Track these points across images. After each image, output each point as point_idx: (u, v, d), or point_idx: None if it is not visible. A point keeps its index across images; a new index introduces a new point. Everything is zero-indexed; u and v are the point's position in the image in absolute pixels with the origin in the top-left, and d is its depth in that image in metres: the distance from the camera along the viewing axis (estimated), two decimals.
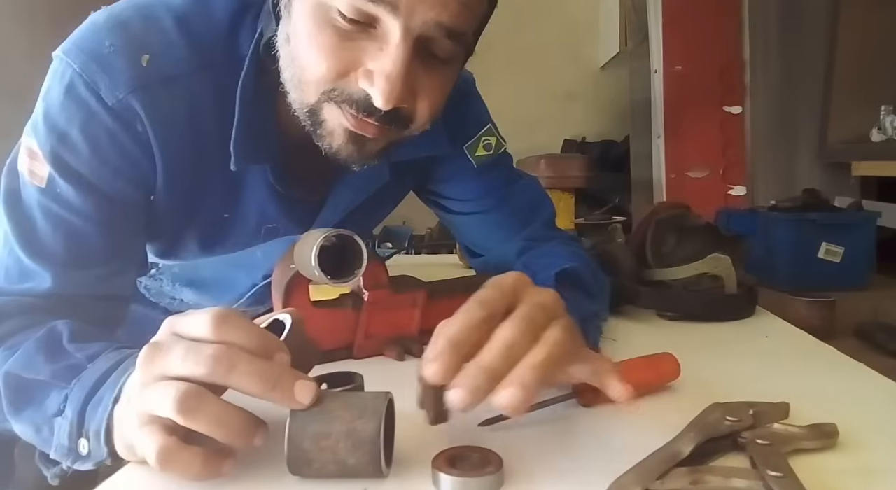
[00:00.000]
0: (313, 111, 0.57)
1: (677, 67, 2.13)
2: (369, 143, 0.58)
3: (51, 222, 0.60)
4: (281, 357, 0.41)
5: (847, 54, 1.84)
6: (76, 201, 0.60)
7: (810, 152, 1.96)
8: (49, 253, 0.60)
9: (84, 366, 0.51)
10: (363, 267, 0.57)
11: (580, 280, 0.69)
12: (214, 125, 0.62)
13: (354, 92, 0.54)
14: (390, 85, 0.52)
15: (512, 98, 2.76)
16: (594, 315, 0.67)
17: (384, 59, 0.52)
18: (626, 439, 0.47)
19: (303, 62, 0.55)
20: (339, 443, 0.39)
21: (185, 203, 0.66)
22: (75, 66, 0.58)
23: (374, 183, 0.73)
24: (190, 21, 0.61)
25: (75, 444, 0.47)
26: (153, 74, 0.59)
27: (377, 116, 0.55)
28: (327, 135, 0.58)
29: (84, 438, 0.47)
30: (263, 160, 0.65)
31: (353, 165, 0.61)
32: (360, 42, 0.53)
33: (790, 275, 1.30)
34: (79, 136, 0.58)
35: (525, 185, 0.84)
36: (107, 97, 0.58)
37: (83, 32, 0.60)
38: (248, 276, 0.80)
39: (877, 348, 0.88)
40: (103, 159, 0.59)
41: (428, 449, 0.43)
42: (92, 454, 0.47)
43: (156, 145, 0.61)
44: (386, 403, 0.41)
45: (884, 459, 0.44)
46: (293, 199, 0.69)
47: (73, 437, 0.48)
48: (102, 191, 0.60)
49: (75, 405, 0.48)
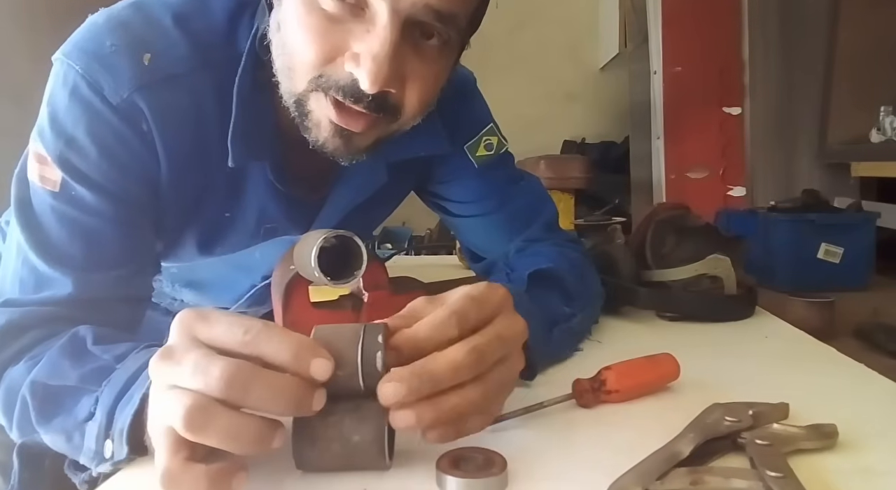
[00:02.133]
0: (300, 101, 0.56)
1: (677, 68, 2.13)
2: (356, 137, 0.57)
3: (67, 227, 0.59)
4: (318, 365, 0.38)
5: (847, 55, 1.84)
6: (90, 203, 0.59)
7: (810, 153, 1.97)
8: (68, 258, 0.59)
9: (113, 367, 0.49)
10: (363, 268, 0.57)
11: (559, 281, 0.69)
12: (216, 124, 0.62)
13: (341, 77, 0.53)
14: (377, 66, 0.51)
15: (512, 99, 2.76)
16: (567, 317, 0.67)
17: (371, 41, 0.51)
18: (626, 439, 0.47)
19: (291, 47, 0.55)
20: (345, 417, 0.40)
21: (188, 202, 0.66)
22: (77, 68, 0.57)
23: (374, 183, 0.73)
24: (189, 20, 0.61)
25: (101, 446, 0.46)
26: (156, 72, 0.58)
27: (365, 103, 0.54)
28: (313, 127, 0.57)
29: (109, 439, 0.45)
30: (262, 157, 0.64)
31: (341, 160, 0.60)
32: (348, 25, 0.52)
33: (790, 275, 1.30)
34: (85, 139, 0.58)
35: (526, 185, 0.83)
36: (111, 97, 0.57)
37: (83, 34, 0.60)
38: (248, 278, 0.80)
39: (876, 348, 0.88)
40: (111, 159, 0.59)
41: (428, 450, 0.43)
42: (115, 455, 0.45)
43: (160, 144, 0.60)
44: None
45: (884, 460, 0.44)
46: (293, 199, 0.69)
47: (101, 439, 0.46)
48: (113, 192, 0.60)
49: (105, 406, 0.46)
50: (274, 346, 0.38)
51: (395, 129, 0.60)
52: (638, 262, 0.89)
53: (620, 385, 0.53)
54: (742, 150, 2.06)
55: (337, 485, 0.41)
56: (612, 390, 0.53)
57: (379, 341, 0.40)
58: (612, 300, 0.82)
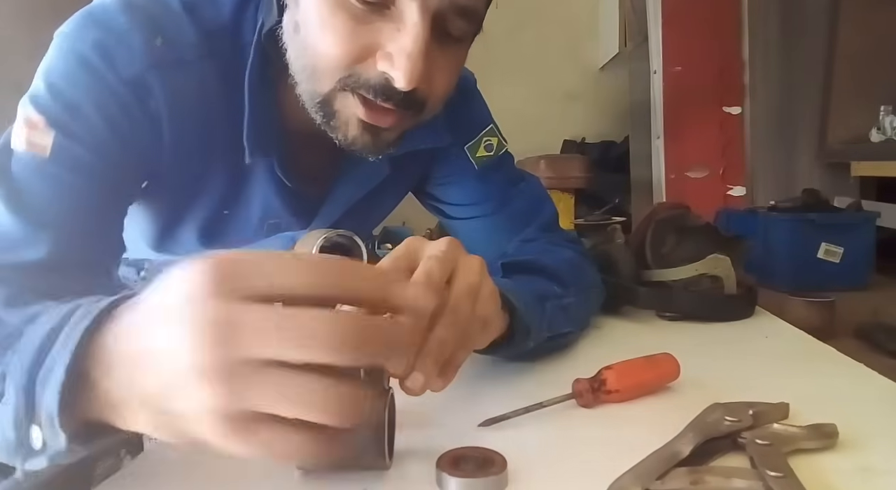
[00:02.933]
0: (326, 101, 0.56)
1: (677, 68, 2.13)
2: (384, 133, 0.57)
3: (51, 186, 0.56)
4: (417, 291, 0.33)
5: (847, 54, 1.84)
6: (82, 161, 0.56)
7: (810, 152, 1.96)
8: (48, 217, 0.55)
9: (20, 332, 0.37)
10: None
11: (542, 269, 0.68)
12: (221, 114, 0.61)
13: (372, 76, 0.53)
14: (412, 64, 0.51)
15: (512, 98, 2.76)
16: (558, 296, 0.66)
17: (403, 39, 0.51)
18: (626, 439, 0.47)
19: (316, 50, 0.54)
20: None
21: (187, 189, 0.65)
22: (90, 39, 0.56)
23: (376, 177, 0.73)
24: (197, 7, 0.61)
25: (26, 435, 0.34)
26: (168, 55, 0.58)
27: (395, 101, 0.54)
28: (341, 125, 0.57)
29: (36, 425, 0.34)
30: (270, 153, 0.64)
31: (369, 156, 0.60)
32: (376, 24, 0.52)
33: (790, 275, 1.30)
34: (90, 107, 0.57)
35: (526, 187, 0.83)
36: (123, 69, 0.57)
37: (94, 10, 0.59)
38: None
39: (876, 348, 0.88)
40: (114, 130, 0.58)
41: (428, 450, 0.43)
42: (47, 445, 0.34)
43: (167, 125, 0.60)
44: (391, 390, 0.42)
45: (884, 460, 0.44)
46: (296, 193, 0.69)
47: (22, 426, 0.34)
48: (109, 159, 0.58)
49: (18, 381, 0.34)
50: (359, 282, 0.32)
51: (417, 123, 0.60)
52: (638, 262, 0.89)
53: (620, 385, 0.53)
54: (742, 150, 2.06)
55: (337, 485, 0.41)
56: (612, 390, 0.53)
57: None
58: (612, 300, 0.82)
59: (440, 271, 0.43)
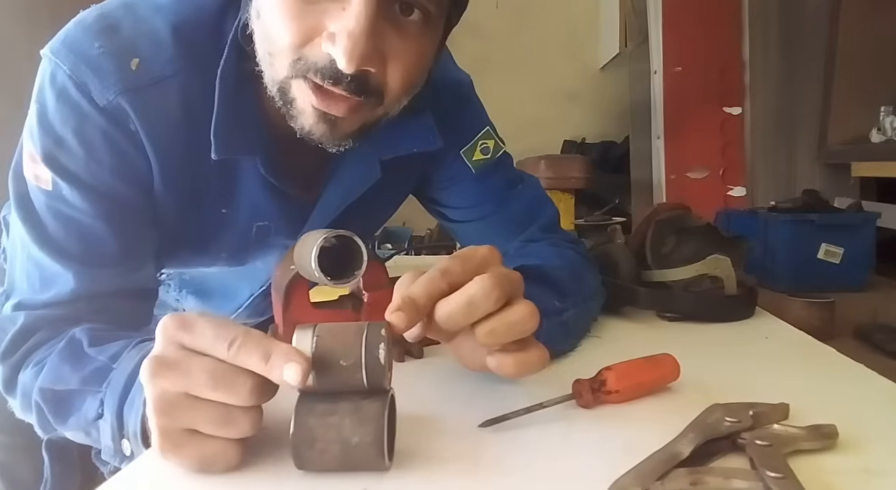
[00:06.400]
0: (283, 89, 0.56)
1: (677, 68, 2.13)
2: (341, 122, 0.56)
3: (62, 224, 0.60)
4: (291, 369, 0.39)
5: (847, 55, 1.84)
6: (79, 203, 0.59)
7: (810, 153, 1.97)
8: (67, 252, 0.60)
9: (110, 367, 0.52)
10: (363, 268, 0.57)
11: (547, 278, 0.67)
12: (207, 121, 0.61)
13: (319, 58, 0.52)
14: (352, 43, 0.50)
15: (512, 99, 2.77)
16: (558, 312, 0.65)
17: (346, 18, 0.50)
18: (626, 440, 0.47)
19: (270, 33, 0.54)
20: (345, 419, 0.40)
21: (183, 200, 0.65)
22: (65, 68, 0.57)
23: (366, 181, 0.71)
24: (180, 18, 0.60)
25: (119, 445, 0.50)
26: (143, 77, 0.58)
27: (344, 85, 0.53)
28: (298, 115, 0.56)
29: (125, 439, 0.49)
30: (251, 151, 0.63)
31: (329, 147, 0.59)
32: (323, 4, 0.51)
33: (790, 276, 1.30)
34: (73, 140, 0.58)
35: (525, 188, 0.83)
36: (98, 98, 0.57)
37: (72, 32, 0.59)
38: (248, 287, 0.80)
39: (876, 349, 0.88)
40: (99, 160, 0.59)
41: (428, 450, 0.43)
42: (135, 454, 0.48)
43: (148, 145, 0.60)
44: (391, 390, 0.42)
45: (884, 460, 0.44)
46: (286, 196, 0.68)
47: (116, 439, 0.50)
48: (103, 191, 0.60)
49: (112, 408, 0.49)
50: (254, 361, 0.40)
51: (381, 115, 0.59)
52: (638, 262, 0.89)
53: (620, 385, 0.53)
54: (742, 150, 2.07)
55: (337, 485, 0.41)
56: (612, 390, 0.53)
57: (382, 335, 0.40)
58: (612, 300, 0.82)
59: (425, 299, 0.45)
